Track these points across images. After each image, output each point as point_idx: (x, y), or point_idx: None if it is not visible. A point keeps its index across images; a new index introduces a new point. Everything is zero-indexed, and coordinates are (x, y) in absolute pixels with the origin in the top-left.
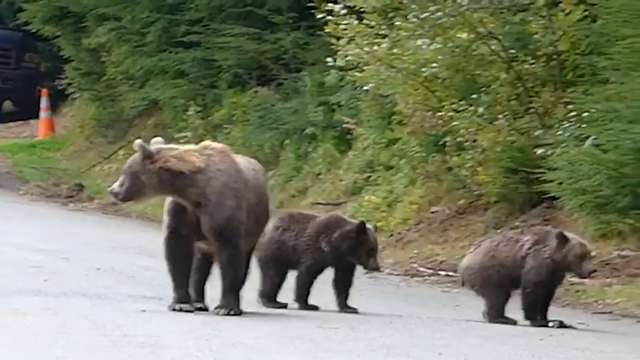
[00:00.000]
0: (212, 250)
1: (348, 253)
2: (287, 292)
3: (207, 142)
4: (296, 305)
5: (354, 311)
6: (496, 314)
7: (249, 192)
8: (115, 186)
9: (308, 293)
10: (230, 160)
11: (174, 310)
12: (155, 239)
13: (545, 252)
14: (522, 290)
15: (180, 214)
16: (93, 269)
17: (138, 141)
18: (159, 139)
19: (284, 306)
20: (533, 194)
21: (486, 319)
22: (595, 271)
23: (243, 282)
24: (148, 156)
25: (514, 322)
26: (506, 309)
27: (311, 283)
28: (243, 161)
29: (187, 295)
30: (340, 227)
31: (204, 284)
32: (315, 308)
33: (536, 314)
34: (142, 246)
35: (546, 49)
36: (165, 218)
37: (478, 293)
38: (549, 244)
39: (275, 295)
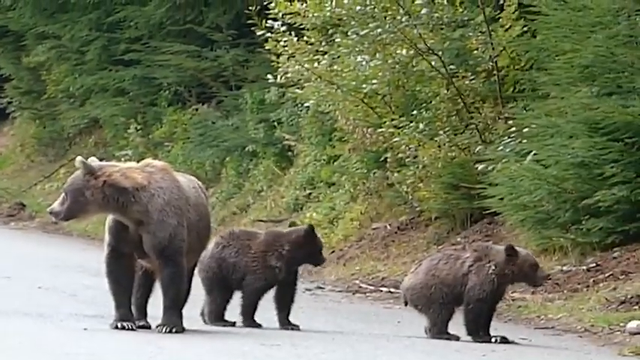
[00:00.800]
0: (154, 267)
1: (304, 259)
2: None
3: (148, 160)
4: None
5: (296, 328)
6: (439, 331)
7: (190, 209)
8: (55, 205)
9: (254, 310)
10: (171, 178)
11: (116, 327)
12: (96, 257)
13: (489, 267)
14: (465, 307)
15: (121, 232)
16: (34, 288)
17: (79, 158)
18: (94, 158)
19: (232, 324)
20: (475, 210)
21: (429, 336)
22: (549, 275)
23: (185, 299)
24: (90, 172)
25: (457, 338)
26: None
27: (258, 301)
28: (183, 179)
29: (129, 313)
30: (286, 240)
31: (146, 302)
32: (258, 326)
33: (479, 330)
34: (83, 264)
35: (486, 65)
36: (107, 237)
37: (421, 312)
38: (493, 260)
39: (222, 315)
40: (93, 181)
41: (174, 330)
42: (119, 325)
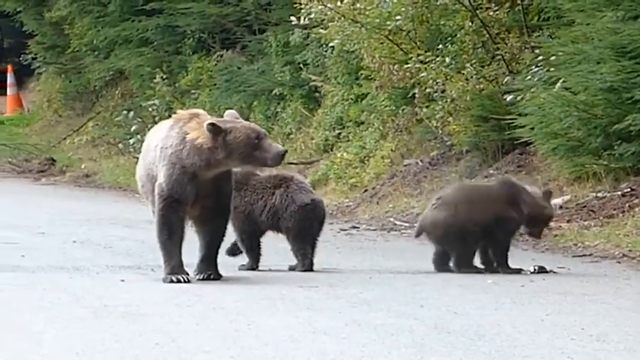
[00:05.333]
0: (200, 217)
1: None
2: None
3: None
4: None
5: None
6: (466, 264)
7: None
8: None
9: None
10: None
11: (170, 281)
12: (129, 209)
13: (519, 204)
14: (495, 240)
15: (191, 181)
16: (69, 242)
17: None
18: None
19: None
20: (505, 141)
21: (456, 270)
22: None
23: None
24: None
25: (485, 272)
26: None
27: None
28: None
29: (181, 264)
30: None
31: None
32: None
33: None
34: (116, 216)
35: None
36: (164, 187)
37: (445, 246)
38: (524, 198)
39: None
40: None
41: (212, 277)
42: (174, 278)
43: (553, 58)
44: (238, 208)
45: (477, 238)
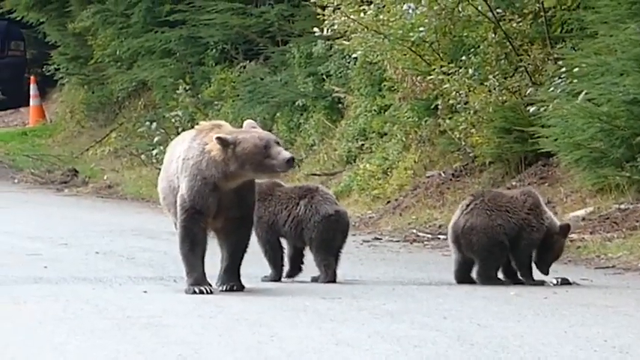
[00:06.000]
0: (223, 228)
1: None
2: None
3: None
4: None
5: None
6: (490, 276)
7: None
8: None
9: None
10: None
11: (193, 292)
12: (151, 220)
13: (545, 217)
14: (519, 250)
15: (212, 192)
16: (92, 253)
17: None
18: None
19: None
20: (528, 152)
21: (479, 281)
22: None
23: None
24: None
25: (508, 284)
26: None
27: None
28: None
29: (204, 276)
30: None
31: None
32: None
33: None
34: (138, 227)
35: (533, 6)
36: (186, 199)
37: (474, 254)
38: (547, 214)
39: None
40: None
41: (234, 288)
42: (196, 289)
43: (576, 69)
44: (263, 218)
45: (505, 250)
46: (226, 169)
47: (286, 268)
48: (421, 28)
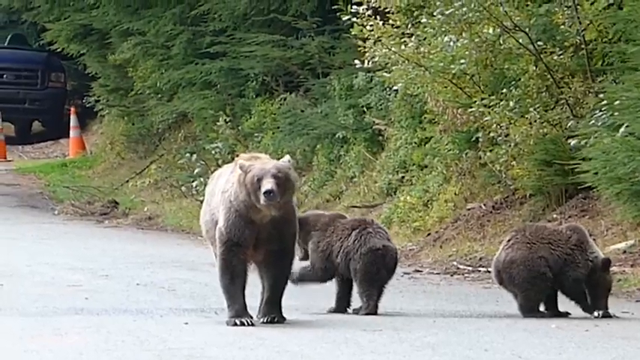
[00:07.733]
0: (263, 260)
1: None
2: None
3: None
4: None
5: None
6: (532, 309)
7: None
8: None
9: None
10: None
11: (234, 324)
12: (192, 251)
13: (590, 253)
14: (568, 285)
15: (248, 225)
16: (133, 285)
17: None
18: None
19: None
20: (569, 185)
21: (521, 314)
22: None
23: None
24: None
25: (550, 315)
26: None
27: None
28: None
29: (245, 308)
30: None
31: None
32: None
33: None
34: (179, 259)
35: (574, 39)
36: (224, 232)
37: (516, 288)
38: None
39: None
40: None
41: (275, 320)
42: (237, 321)
43: (617, 102)
44: (319, 247)
45: (547, 282)
46: (245, 199)
47: (333, 303)
48: (462, 61)
